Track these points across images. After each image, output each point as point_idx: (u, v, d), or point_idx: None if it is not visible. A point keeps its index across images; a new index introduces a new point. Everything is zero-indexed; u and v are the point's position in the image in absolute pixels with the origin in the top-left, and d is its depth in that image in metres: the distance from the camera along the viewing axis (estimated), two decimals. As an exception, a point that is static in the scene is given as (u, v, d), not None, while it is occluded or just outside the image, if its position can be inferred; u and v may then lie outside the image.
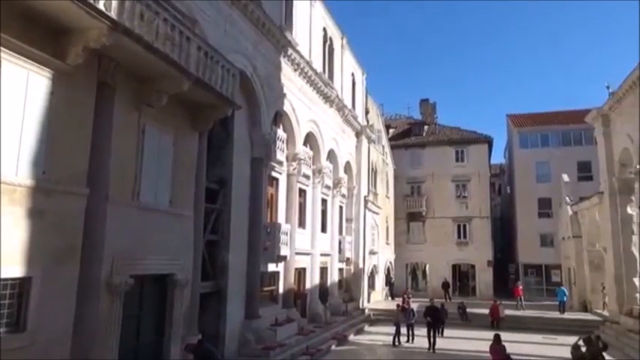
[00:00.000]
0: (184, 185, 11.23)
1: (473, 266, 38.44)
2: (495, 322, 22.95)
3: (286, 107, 18.26)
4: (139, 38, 8.20)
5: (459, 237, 38.83)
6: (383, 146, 36.78)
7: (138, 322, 9.89)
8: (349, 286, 27.33)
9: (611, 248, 22.52)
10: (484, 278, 37.88)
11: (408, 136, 43.38)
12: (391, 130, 43.63)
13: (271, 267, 17.15)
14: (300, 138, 19.45)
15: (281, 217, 18.32)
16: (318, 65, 21.61)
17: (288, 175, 19.02)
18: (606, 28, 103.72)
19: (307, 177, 20.66)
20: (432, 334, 18.27)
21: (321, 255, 22.11)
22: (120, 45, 8.06)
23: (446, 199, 39.22)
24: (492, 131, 50.18)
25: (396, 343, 19.23)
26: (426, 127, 44.08)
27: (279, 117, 18.27)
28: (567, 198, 31.44)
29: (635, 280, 21.36)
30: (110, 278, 8.63)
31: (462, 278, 39.02)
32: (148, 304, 10.20)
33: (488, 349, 12.53)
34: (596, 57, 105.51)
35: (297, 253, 18.91)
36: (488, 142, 40.74)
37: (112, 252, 8.68)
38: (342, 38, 25.69)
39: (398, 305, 21.50)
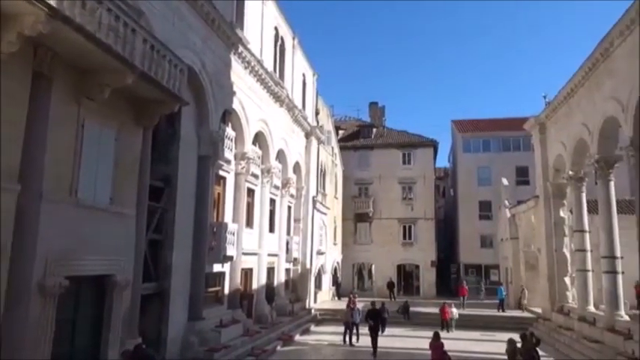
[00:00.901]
0: (126, 183, 10.81)
1: (417, 266, 39.49)
2: (445, 323, 22.86)
3: (235, 105, 18.00)
4: (79, 27, 7.78)
5: (405, 238, 39.77)
6: (332, 147, 37.06)
7: (73, 325, 9.40)
8: (296, 286, 27.33)
9: (544, 249, 23.79)
10: (427, 278, 39.02)
11: (357, 138, 43.99)
12: (340, 132, 44.04)
13: (217, 267, 16.86)
14: (249, 137, 19.22)
15: (228, 217, 18.03)
16: (268, 64, 21.46)
17: (236, 174, 18.76)
18: (546, 42, 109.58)
19: (256, 176, 20.47)
20: (374, 337, 17.59)
21: (269, 255, 21.96)
22: (58, 34, 7.64)
23: (392, 201, 40.07)
24: (438, 136, 51.94)
25: (346, 342, 19.39)
26: (374, 129, 44.90)
27: (228, 115, 17.96)
28: (506, 201, 32.98)
29: (566, 279, 22.66)
30: (43, 280, 8.13)
31: (406, 278, 40.00)
32: (84, 307, 9.71)
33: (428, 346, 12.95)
34: (536, 67, 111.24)
35: (244, 254, 18.69)
36: (434, 146, 42.05)
37: (45, 252, 8.20)
38: (293, 38, 25.65)
39: (347, 305, 21.70)
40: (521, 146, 39.60)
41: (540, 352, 12.59)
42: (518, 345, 11.90)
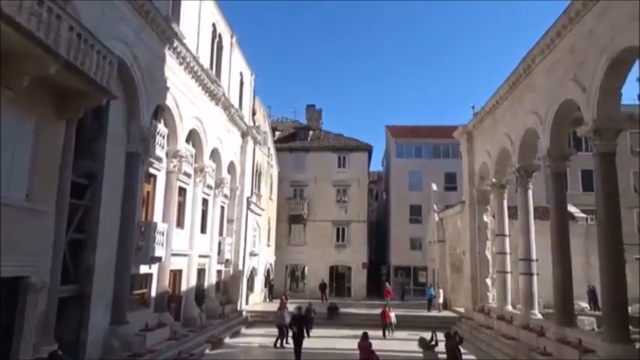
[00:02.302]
0: (45, 178, 10.15)
1: (349, 268, 40.19)
2: (385, 326, 22.54)
3: (169, 101, 17.42)
4: (-5, 10, 7.23)
5: (338, 240, 40.34)
6: (268, 148, 36.86)
7: (-20, 331, 8.70)
8: (227, 288, 26.86)
9: (469, 251, 25.02)
10: (359, 279, 39.81)
11: (293, 140, 44.07)
12: (277, 133, 43.94)
13: (144, 269, 16.23)
14: (182, 134, 18.68)
15: (158, 216, 17.40)
16: (205, 61, 20.99)
17: (168, 173, 18.15)
18: (480, 49, 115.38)
19: (188, 175, 19.93)
20: (297, 344, 16.60)
21: (200, 256, 21.43)
22: (-29, 15, 7.05)
23: (327, 203, 40.54)
24: (372, 140, 53.16)
25: (278, 345, 19.25)
26: (311, 132, 45.20)
27: (161, 111, 17.39)
28: (435, 206, 34.34)
29: (488, 280, 23.93)
30: (-56, 282, 7.47)
31: (338, 279, 40.59)
32: (-7, 311, 9.01)
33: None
34: (467, 77, 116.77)
35: (174, 254, 18.12)
36: (369, 150, 43.01)
37: (-52, 252, 7.52)
38: (231, 36, 25.27)
39: (279, 307, 21.57)
40: (451, 153, 41.39)
41: (463, 350, 13.23)
42: (432, 342, 12.44)
